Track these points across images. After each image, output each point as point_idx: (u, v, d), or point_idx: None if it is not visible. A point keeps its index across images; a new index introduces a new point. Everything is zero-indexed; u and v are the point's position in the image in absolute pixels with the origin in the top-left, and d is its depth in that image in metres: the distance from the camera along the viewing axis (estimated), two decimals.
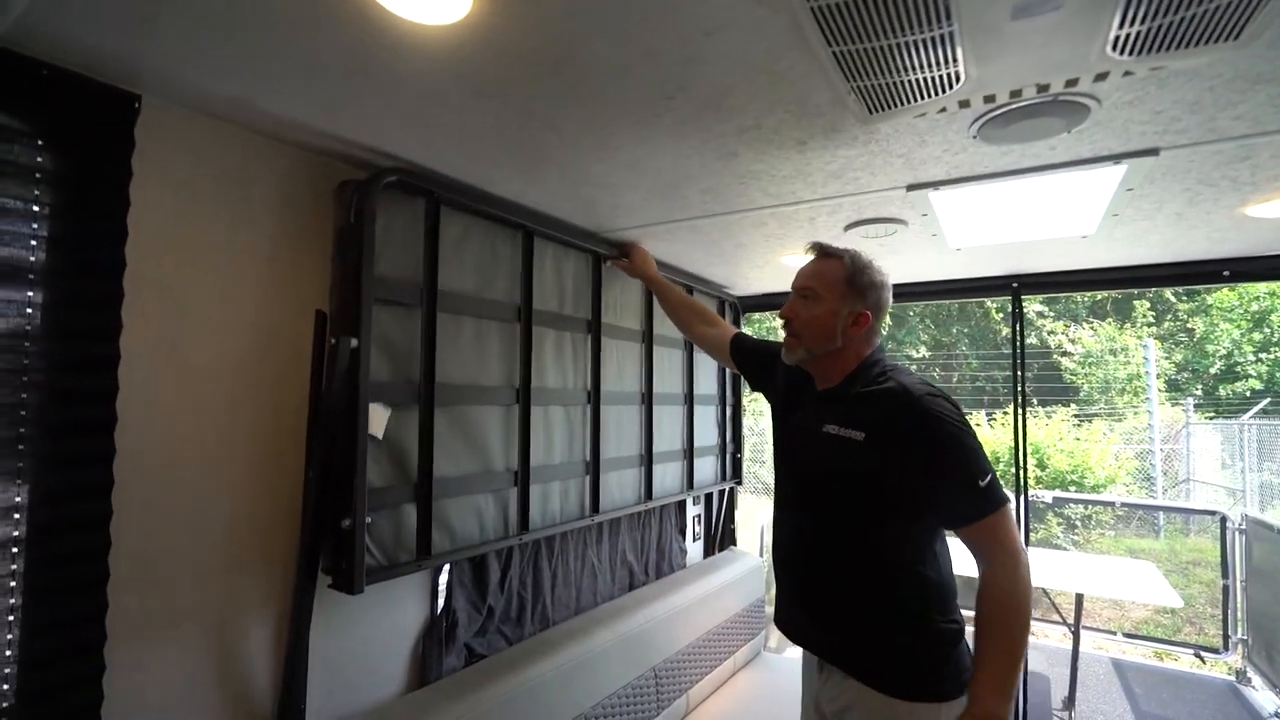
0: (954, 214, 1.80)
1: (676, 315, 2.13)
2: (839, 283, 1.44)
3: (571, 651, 1.88)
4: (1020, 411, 2.53)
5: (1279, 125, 1.22)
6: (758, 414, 9.43)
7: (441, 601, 1.77)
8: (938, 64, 1.01)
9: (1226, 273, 2.26)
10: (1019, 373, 2.53)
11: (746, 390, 2.99)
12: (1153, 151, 1.34)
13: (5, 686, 1.00)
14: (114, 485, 1.10)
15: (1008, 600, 1.27)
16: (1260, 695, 3.39)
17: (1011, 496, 1.17)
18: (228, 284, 1.29)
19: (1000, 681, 1.26)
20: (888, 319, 1.61)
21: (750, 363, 1.87)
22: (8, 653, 1.01)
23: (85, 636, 1.07)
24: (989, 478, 1.29)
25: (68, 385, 1.07)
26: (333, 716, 1.46)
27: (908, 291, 2.82)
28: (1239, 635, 3.72)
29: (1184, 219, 1.79)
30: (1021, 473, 2.50)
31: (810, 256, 1.52)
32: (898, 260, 2.38)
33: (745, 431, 3.26)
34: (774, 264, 2.48)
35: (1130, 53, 0.97)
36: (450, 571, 1.78)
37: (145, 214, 1.15)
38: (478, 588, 1.84)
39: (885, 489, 1.34)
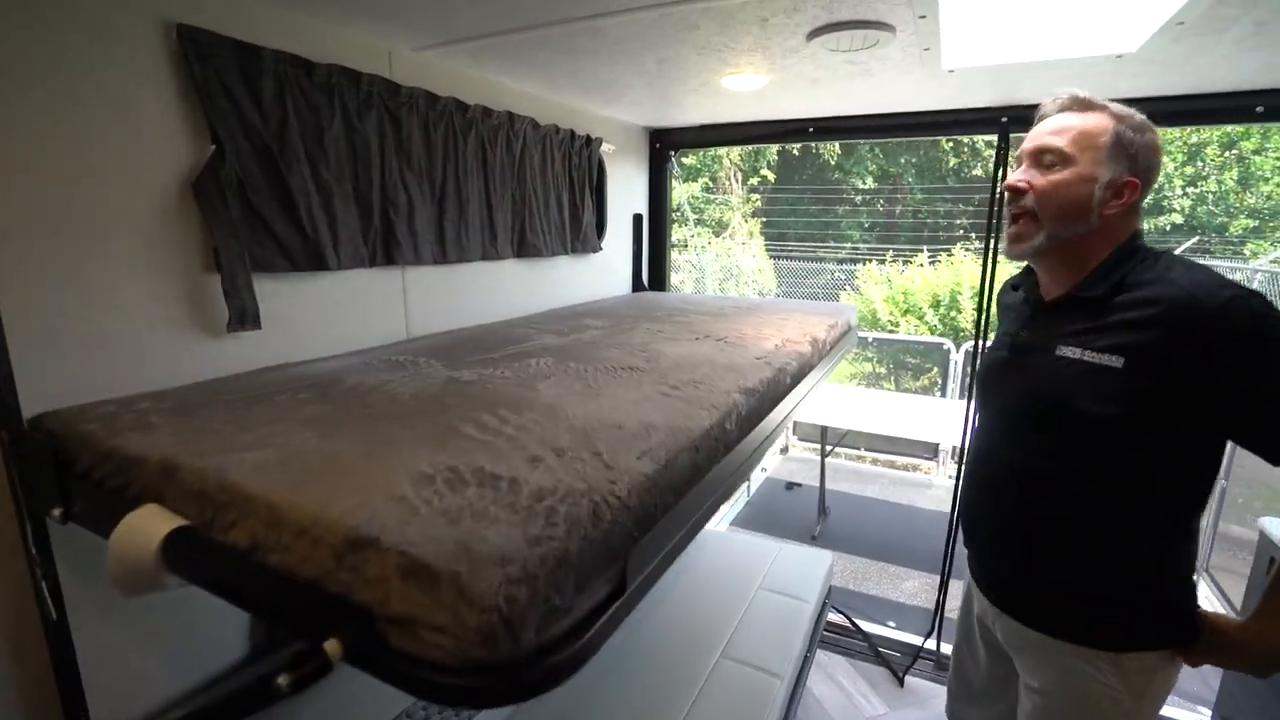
0: (965, 12, 1.25)
1: None
2: (1102, 137, 1.05)
3: None
4: (991, 259, 2.23)
5: None
6: None
7: None
8: None
9: (1260, 108, 1.84)
10: (994, 220, 2.18)
11: None
12: None
13: None
14: None
15: None
16: None
17: None
18: None
19: None
20: (862, 150, 1.08)
21: None
22: None
23: None
24: None
25: None
26: None
27: (881, 125, 2.33)
28: None
29: (1265, 30, 1.31)
30: (984, 317, 2.29)
31: (1055, 111, 1.11)
32: (873, 86, 1.83)
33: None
34: (713, 87, 1.88)
35: None
36: None
37: None
38: None
39: (1156, 437, 1.02)
